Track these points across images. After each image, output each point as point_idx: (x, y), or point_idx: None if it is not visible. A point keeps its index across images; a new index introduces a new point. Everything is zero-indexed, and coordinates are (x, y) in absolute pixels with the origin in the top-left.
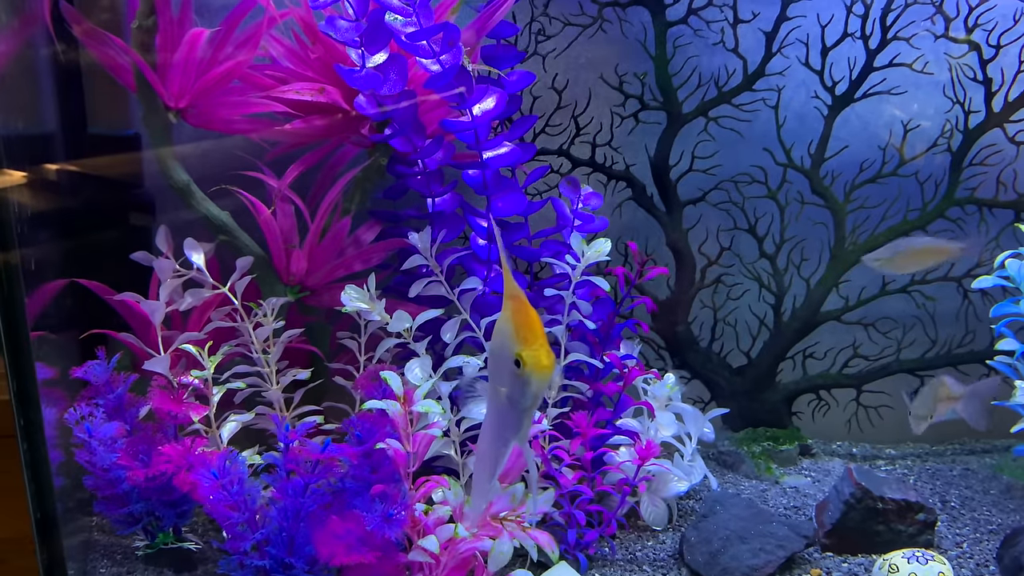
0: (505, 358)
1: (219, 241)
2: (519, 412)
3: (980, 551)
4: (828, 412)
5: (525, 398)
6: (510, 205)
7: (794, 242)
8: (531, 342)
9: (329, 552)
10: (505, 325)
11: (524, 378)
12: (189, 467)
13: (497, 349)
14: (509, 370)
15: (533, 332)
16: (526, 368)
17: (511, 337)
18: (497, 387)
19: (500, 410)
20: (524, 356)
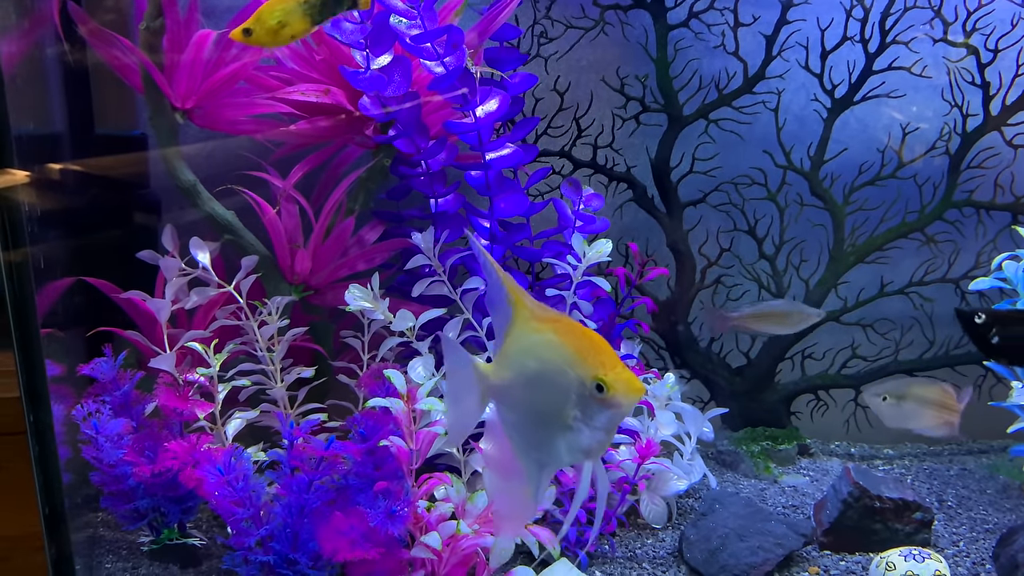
0: (564, 384)
1: (224, 240)
2: (597, 435)
3: (976, 550)
4: (826, 412)
5: (610, 422)
6: (512, 206)
7: (793, 243)
8: (611, 365)
9: (333, 548)
10: (555, 349)
11: (610, 402)
12: (195, 463)
13: (543, 373)
14: (577, 395)
15: (608, 354)
16: (614, 393)
17: (574, 361)
18: (544, 411)
19: (549, 432)
20: (609, 380)
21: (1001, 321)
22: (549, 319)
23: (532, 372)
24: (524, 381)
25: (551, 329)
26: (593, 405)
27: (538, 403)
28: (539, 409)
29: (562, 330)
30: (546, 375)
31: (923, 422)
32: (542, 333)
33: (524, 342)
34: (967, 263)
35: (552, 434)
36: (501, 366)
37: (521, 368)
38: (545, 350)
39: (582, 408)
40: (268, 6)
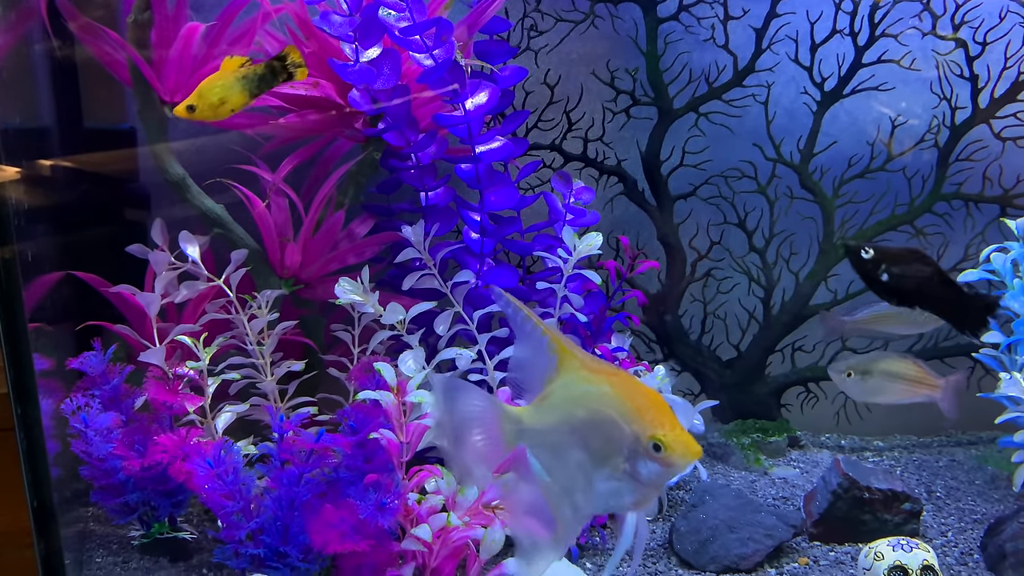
0: (618, 437)
1: (214, 234)
2: (646, 490)
3: (965, 540)
4: (816, 404)
5: (661, 479)
6: (502, 199)
7: (783, 236)
8: (670, 425)
9: (323, 540)
10: (611, 401)
11: (666, 462)
12: (184, 457)
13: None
14: (631, 450)
15: (667, 413)
16: (671, 454)
17: (632, 417)
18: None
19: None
20: (668, 441)
21: (889, 258)
22: (605, 371)
23: (581, 421)
24: (570, 429)
25: (607, 382)
26: (646, 461)
27: (585, 452)
28: (585, 458)
29: (620, 384)
30: (598, 426)
31: (892, 395)
32: (596, 384)
33: (574, 391)
34: (956, 255)
35: (596, 483)
36: (542, 411)
37: (568, 416)
38: (599, 401)
39: (633, 462)
40: (209, 82)
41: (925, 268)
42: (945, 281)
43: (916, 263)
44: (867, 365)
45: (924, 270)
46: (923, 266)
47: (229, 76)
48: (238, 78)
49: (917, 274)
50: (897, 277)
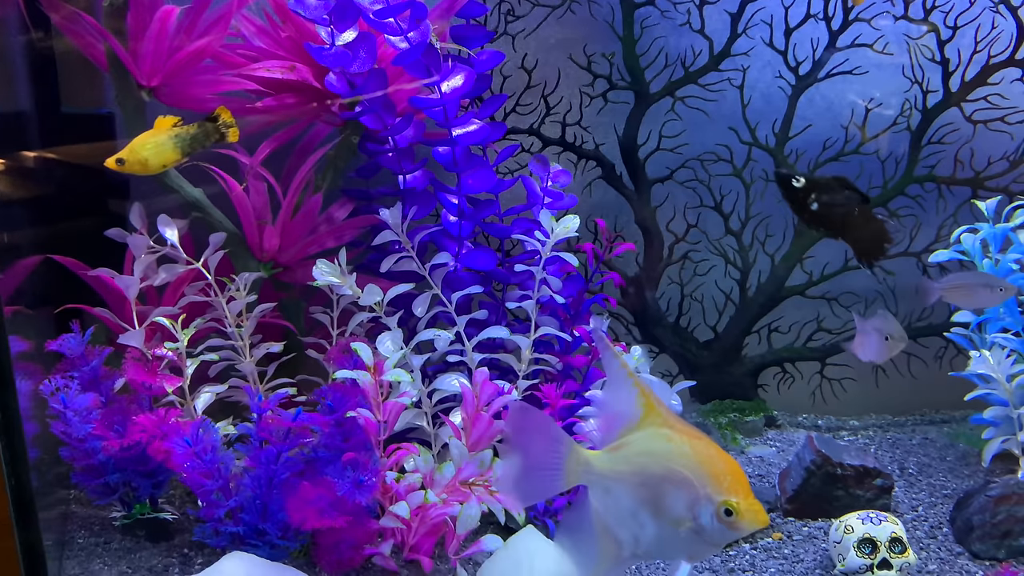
0: (689, 497)
1: (193, 218)
2: (707, 547)
3: (935, 514)
4: (793, 385)
5: (724, 540)
6: (480, 182)
7: (759, 219)
8: (743, 493)
9: (301, 517)
10: (687, 462)
11: (734, 526)
12: (163, 436)
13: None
14: (701, 511)
15: (741, 480)
16: (741, 520)
17: (707, 480)
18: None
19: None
20: (741, 508)
21: (819, 188)
22: (686, 432)
23: (654, 476)
24: (641, 482)
25: (688, 443)
26: (714, 523)
27: (653, 505)
28: (652, 511)
29: (698, 447)
30: (670, 483)
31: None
32: (675, 443)
33: (652, 446)
34: (928, 237)
35: (657, 534)
36: (615, 460)
37: (642, 470)
38: (676, 460)
39: (701, 522)
40: (141, 139)
41: (853, 195)
42: (864, 211)
43: (844, 191)
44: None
45: (852, 199)
46: (850, 193)
47: (161, 135)
48: (170, 137)
49: (844, 202)
50: (825, 206)
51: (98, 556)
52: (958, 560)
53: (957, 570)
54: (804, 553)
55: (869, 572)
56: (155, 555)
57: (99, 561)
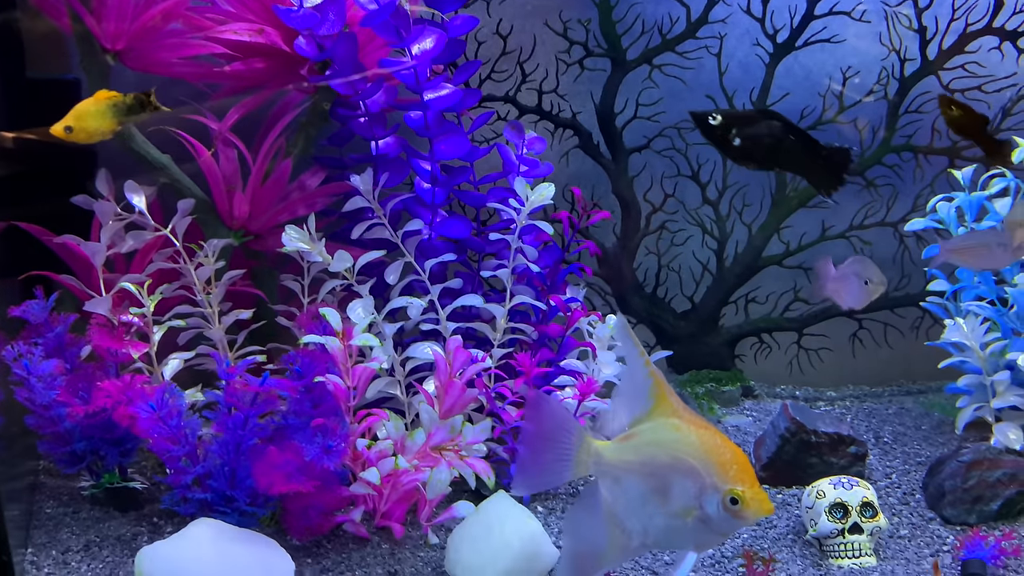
0: (696, 486)
1: (161, 184)
2: (713, 536)
3: (908, 481)
4: (770, 355)
5: (731, 529)
6: (453, 148)
7: (736, 188)
8: (749, 482)
9: (268, 482)
10: (695, 451)
11: (740, 515)
12: (128, 401)
13: (676, 470)
14: (707, 500)
15: (747, 470)
16: (746, 509)
17: (714, 470)
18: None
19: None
20: (746, 497)
21: (738, 122)
22: (695, 423)
23: (662, 465)
24: (650, 471)
25: (696, 433)
26: (721, 512)
27: (661, 494)
28: (660, 500)
29: (706, 437)
30: (678, 473)
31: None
32: (682, 433)
33: (660, 435)
34: (905, 207)
35: (665, 523)
36: (624, 450)
37: (651, 458)
38: (683, 449)
39: (707, 511)
40: (84, 106)
41: (775, 126)
42: (799, 137)
43: (765, 122)
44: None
45: (775, 128)
46: (773, 124)
47: (102, 103)
48: (109, 106)
49: (768, 133)
50: (749, 140)
51: (66, 526)
52: (929, 525)
53: (928, 535)
54: (777, 519)
55: (840, 536)
56: (124, 524)
57: (67, 531)
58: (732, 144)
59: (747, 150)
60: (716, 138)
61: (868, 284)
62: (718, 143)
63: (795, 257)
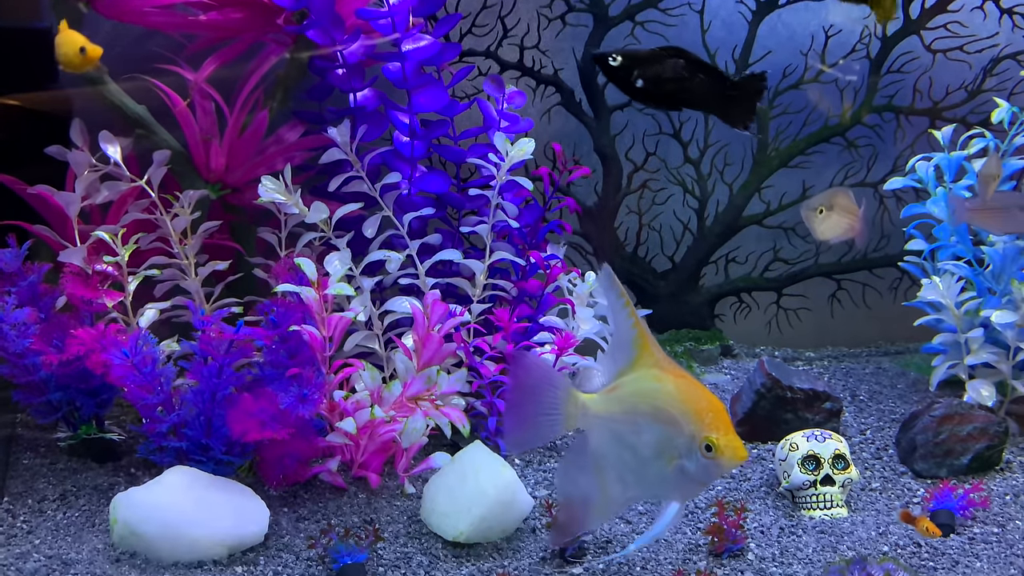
0: (674, 435)
1: (137, 135)
2: (693, 485)
3: (881, 437)
4: (750, 315)
5: (708, 477)
6: (431, 100)
7: (718, 147)
8: (724, 430)
9: (242, 429)
10: (673, 401)
11: (715, 462)
12: (102, 349)
13: (656, 419)
14: (685, 448)
15: (723, 418)
16: (721, 456)
17: (690, 418)
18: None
19: (645, 471)
20: (719, 444)
21: (640, 61)
22: (673, 372)
23: (644, 415)
24: (632, 421)
25: (674, 383)
26: (698, 459)
27: (643, 444)
28: (642, 449)
29: (684, 386)
30: (658, 422)
31: (846, 230)
32: (662, 383)
33: (642, 386)
34: (885, 168)
35: (648, 473)
36: (609, 401)
37: (633, 408)
38: (663, 399)
39: (686, 459)
40: None
41: (679, 62)
42: (706, 72)
43: (669, 60)
44: (829, 200)
45: (679, 65)
46: (677, 61)
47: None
48: None
49: (673, 71)
50: (653, 79)
51: (43, 476)
52: (901, 479)
53: (899, 488)
54: (752, 472)
55: (812, 488)
56: (101, 475)
57: (43, 481)
58: (635, 86)
59: (650, 90)
60: (619, 79)
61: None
62: (621, 84)
63: (775, 217)
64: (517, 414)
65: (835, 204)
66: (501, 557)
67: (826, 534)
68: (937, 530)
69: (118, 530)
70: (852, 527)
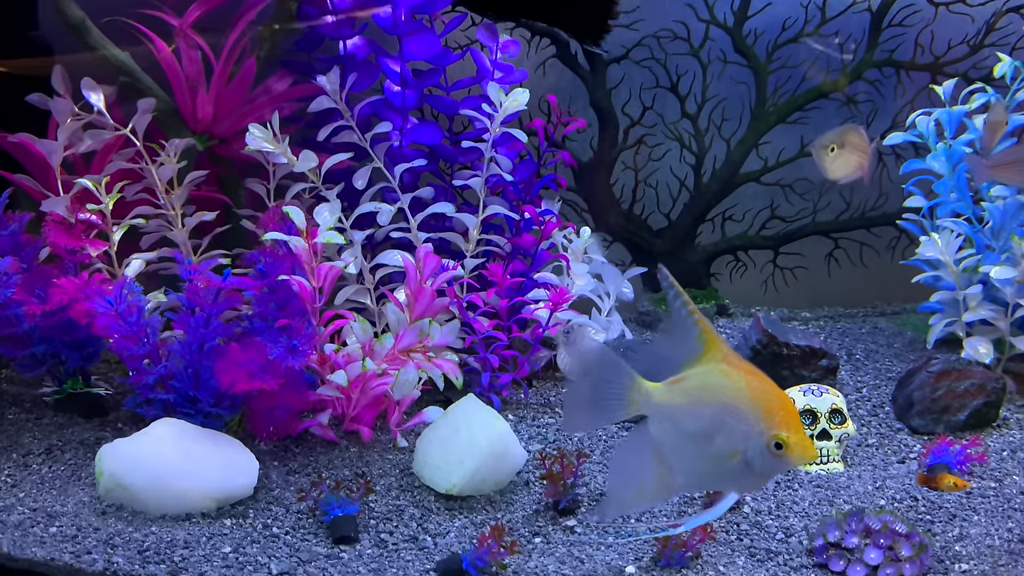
0: (742, 430)
1: (121, 83)
2: (755, 479)
3: (878, 395)
4: (746, 274)
5: (772, 473)
6: (423, 48)
7: (716, 101)
8: (794, 428)
9: (230, 379)
10: (743, 397)
11: (783, 460)
12: (86, 298)
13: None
14: (753, 444)
15: (793, 415)
16: (790, 454)
17: (761, 415)
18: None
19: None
20: (790, 442)
21: None
22: (743, 368)
23: (711, 408)
24: (698, 413)
25: (744, 380)
26: (766, 456)
27: (707, 438)
28: (706, 443)
29: (754, 383)
30: (726, 416)
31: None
32: (732, 379)
33: (710, 380)
34: (884, 124)
35: (710, 466)
36: (674, 392)
37: (699, 401)
38: (731, 395)
39: (752, 455)
40: None
41: None
42: None
43: None
44: (840, 137)
45: None
46: None
47: None
48: None
49: None
50: None
51: (28, 431)
52: (897, 435)
53: (896, 444)
54: None
55: None
56: (88, 430)
57: (29, 435)
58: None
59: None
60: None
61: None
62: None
63: (773, 173)
64: (580, 397)
65: (847, 142)
66: (494, 509)
67: (823, 488)
68: (964, 482)
69: (104, 482)
70: (849, 481)
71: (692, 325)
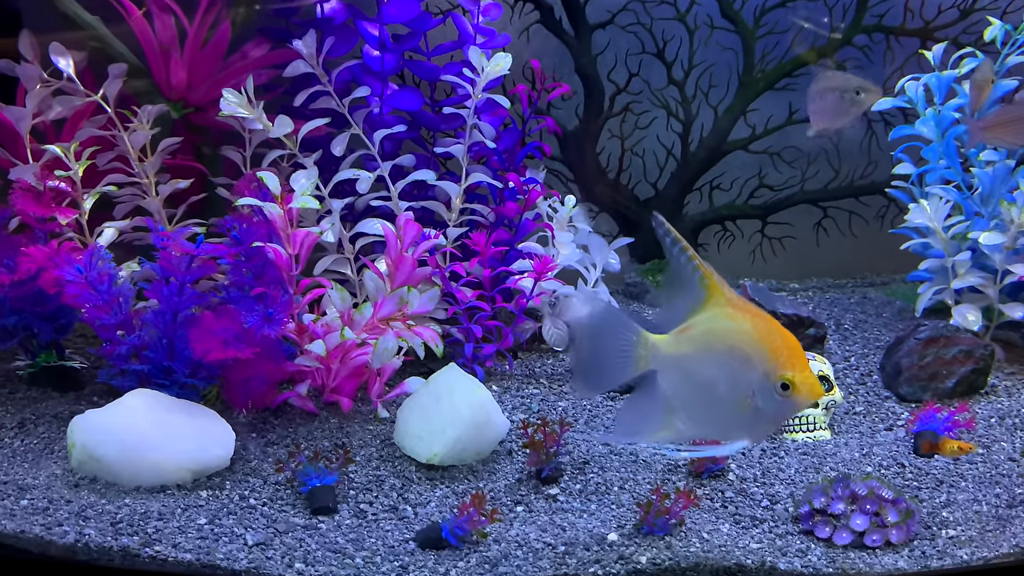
0: (749, 373)
1: (91, 48)
2: (766, 424)
3: (866, 363)
4: (734, 244)
5: (782, 416)
6: (402, 10)
7: (703, 68)
8: (800, 367)
9: (204, 348)
10: (749, 339)
11: (791, 401)
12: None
13: (730, 358)
14: (760, 386)
15: (799, 356)
16: (797, 394)
17: (766, 357)
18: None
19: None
20: (796, 382)
21: None
22: (749, 311)
23: (718, 354)
24: (705, 360)
25: (749, 322)
26: (773, 398)
27: (717, 383)
28: (716, 389)
29: (760, 324)
30: (733, 360)
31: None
32: (737, 322)
33: (715, 325)
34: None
35: (721, 412)
36: (680, 342)
37: (707, 348)
38: (738, 339)
39: (760, 398)
40: None
41: None
42: None
43: None
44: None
45: None
46: None
47: None
48: None
49: None
50: None
51: (0, 405)
52: (885, 403)
53: (884, 412)
54: None
55: None
56: (61, 403)
57: (1, 409)
58: None
59: None
60: None
61: (847, 96)
62: None
63: (761, 141)
64: (587, 357)
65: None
66: (476, 479)
67: (809, 456)
68: (969, 444)
69: (76, 454)
70: (835, 449)
71: (693, 271)
